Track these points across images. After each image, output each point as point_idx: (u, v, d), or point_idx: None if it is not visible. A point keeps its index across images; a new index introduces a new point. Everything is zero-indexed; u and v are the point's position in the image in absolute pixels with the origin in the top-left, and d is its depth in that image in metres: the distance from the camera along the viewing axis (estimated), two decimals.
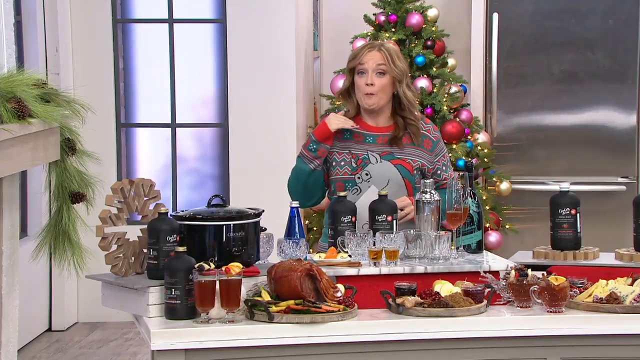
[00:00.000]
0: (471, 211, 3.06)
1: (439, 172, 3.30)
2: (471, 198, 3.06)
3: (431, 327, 2.64)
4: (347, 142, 3.27)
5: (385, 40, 5.49)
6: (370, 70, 3.22)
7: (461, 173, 3.03)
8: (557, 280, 2.71)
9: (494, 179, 5.67)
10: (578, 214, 3.28)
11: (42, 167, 3.38)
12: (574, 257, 3.28)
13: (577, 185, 5.12)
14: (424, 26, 5.61)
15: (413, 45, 5.59)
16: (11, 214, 3.39)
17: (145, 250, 2.76)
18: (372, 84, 3.20)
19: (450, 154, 5.46)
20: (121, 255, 2.74)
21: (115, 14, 5.71)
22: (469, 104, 5.75)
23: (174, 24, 5.75)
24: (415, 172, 3.21)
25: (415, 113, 3.29)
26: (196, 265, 2.60)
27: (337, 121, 3.20)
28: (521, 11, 5.80)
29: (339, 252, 2.94)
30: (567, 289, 2.71)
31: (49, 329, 5.61)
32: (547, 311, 2.71)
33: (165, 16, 5.74)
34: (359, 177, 3.23)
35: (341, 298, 2.68)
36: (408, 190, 3.23)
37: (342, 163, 3.25)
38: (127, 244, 2.77)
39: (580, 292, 2.80)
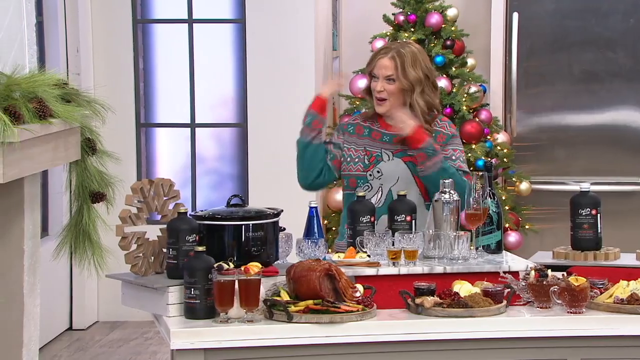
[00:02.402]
0: (490, 211, 3.05)
1: (446, 158, 3.23)
2: (490, 198, 3.05)
3: (450, 328, 2.63)
4: (364, 139, 3.29)
5: (405, 40, 5.47)
6: (380, 77, 3.24)
7: (480, 173, 3.02)
8: (577, 280, 2.70)
9: (513, 179, 5.65)
10: (598, 214, 3.26)
11: (63, 167, 3.40)
12: (595, 257, 3.26)
13: (597, 185, 5.09)
14: (443, 26, 5.59)
15: (432, 45, 5.58)
16: (32, 213, 3.41)
17: (164, 250, 2.77)
18: (381, 91, 3.23)
19: (469, 154, 5.45)
20: (141, 254, 2.76)
21: (136, 15, 5.74)
22: (488, 104, 5.73)
23: (194, 24, 5.76)
24: None
25: (430, 119, 3.24)
26: (215, 265, 2.60)
27: (325, 87, 3.32)
28: (541, 10, 5.77)
29: (358, 252, 2.94)
30: (587, 290, 2.70)
31: (70, 328, 5.64)
32: (567, 312, 2.70)
33: (185, 16, 5.76)
34: (370, 175, 3.26)
35: (360, 298, 2.68)
36: (419, 187, 3.22)
37: (357, 160, 3.27)
38: (147, 244, 2.78)
39: (601, 293, 2.79)
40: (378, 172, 3.25)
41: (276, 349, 2.57)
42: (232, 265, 2.63)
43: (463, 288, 2.75)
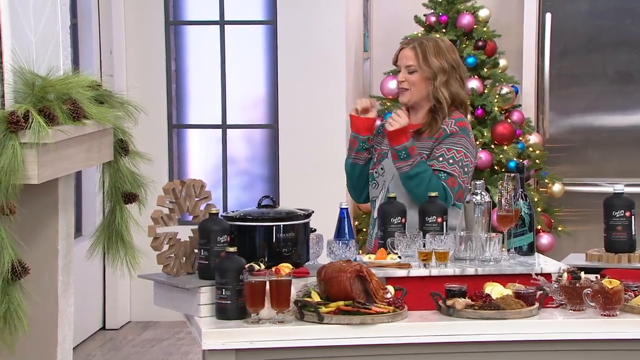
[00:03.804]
0: (522, 213, 3.03)
1: (432, 158, 3.17)
2: (522, 200, 3.03)
3: (482, 330, 2.62)
4: (386, 138, 3.30)
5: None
6: (402, 67, 3.26)
7: (512, 175, 3.01)
8: (611, 283, 2.67)
9: (546, 180, 5.61)
10: (633, 216, 3.23)
11: (96, 168, 3.43)
12: (629, 259, 3.23)
13: (631, 187, 5.02)
14: (475, 27, 5.56)
15: (464, 45, 5.55)
16: (66, 214, 3.44)
17: (196, 251, 2.79)
18: (402, 81, 3.24)
19: (501, 155, 5.42)
20: (173, 255, 2.77)
21: (168, 16, 5.78)
22: (520, 105, 5.70)
23: (225, 26, 5.79)
24: None
25: (447, 111, 3.18)
26: (246, 266, 2.61)
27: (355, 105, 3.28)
28: (575, 11, 5.72)
29: (389, 253, 2.93)
30: (621, 293, 2.67)
31: (103, 328, 5.69)
32: (601, 315, 2.68)
33: (217, 18, 5.79)
34: (376, 172, 3.28)
35: (391, 299, 2.67)
36: None
37: (373, 158, 3.31)
38: (179, 244, 2.79)
39: (635, 296, 2.76)
40: (382, 169, 3.27)
41: (307, 349, 2.57)
42: (263, 266, 2.64)
43: (495, 290, 2.73)
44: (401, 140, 3.14)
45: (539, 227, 5.47)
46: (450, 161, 3.15)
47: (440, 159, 3.16)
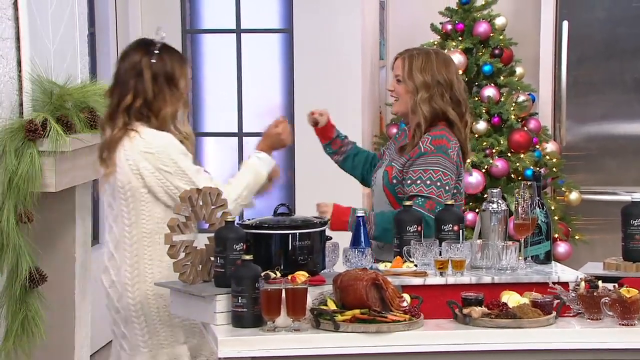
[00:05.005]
0: (539, 221, 3.02)
1: (407, 181, 3.13)
2: (539, 208, 3.02)
3: (498, 339, 2.61)
4: (394, 147, 3.34)
5: (452, 49, 5.45)
6: (394, 76, 3.28)
7: (529, 183, 3.00)
8: (629, 292, 2.66)
9: (563, 188, 5.59)
10: None
11: None
12: None
13: None
14: (491, 35, 5.56)
15: (480, 53, 5.55)
16: (83, 222, 3.46)
17: (212, 258, 2.79)
18: (392, 90, 3.26)
19: (517, 164, 5.40)
20: (189, 263, 2.78)
21: (185, 25, 5.81)
22: (537, 113, 5.68)
23: (242, 34, 5.81)
24: (393, 179, 3.18)
25: (430, 127, 3.15)
26: (262, 274, 2.62)
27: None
28: (592, 18, 5.70)
29: (405, 261, 2.93)
30: (639, 302, 2.65)
31: None
32: (619, 324, 2.66)
33: (233, 26, 5.81)
34: (372, 180, 3.35)
35: (407, 308, 2.67)
36: (387, 197, 3.21)
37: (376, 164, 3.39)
38: (195, 252, 2.80)
39: None
40: (375, 178, 3.32)
41: (323, 358, 2.57)
42: (279, 274, 2.64)
43: (511, 298, 2.72)
44: (344, 225, 3.11)
45: (556, 235, 5.44)
46: (428, 182, 3.09)
47: (418, 182, 3.09)
